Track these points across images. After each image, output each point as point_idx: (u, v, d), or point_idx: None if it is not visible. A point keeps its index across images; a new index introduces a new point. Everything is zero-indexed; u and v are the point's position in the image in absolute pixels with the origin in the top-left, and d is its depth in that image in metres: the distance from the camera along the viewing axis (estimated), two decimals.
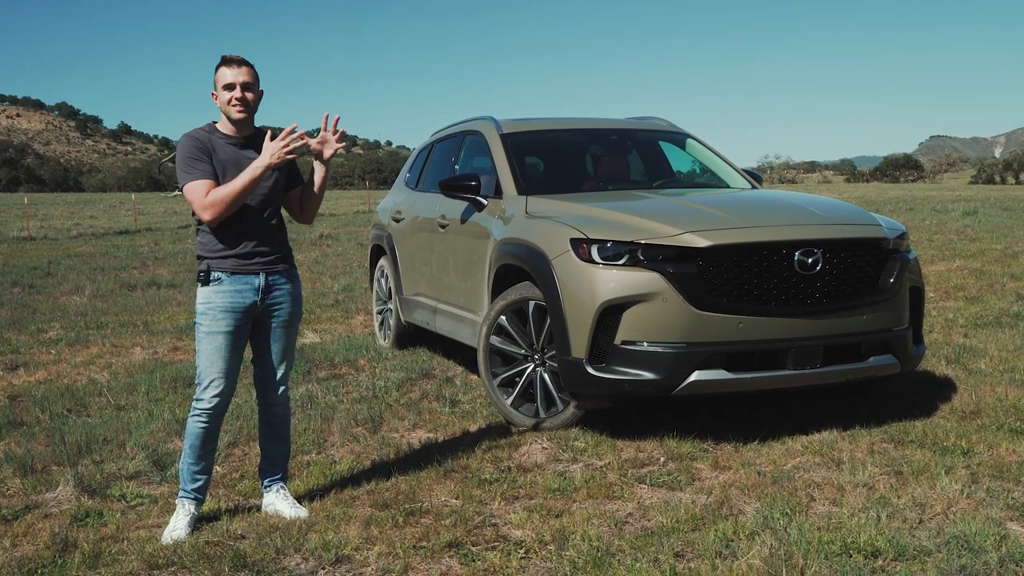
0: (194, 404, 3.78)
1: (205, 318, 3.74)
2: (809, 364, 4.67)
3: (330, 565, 3.38)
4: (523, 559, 3.37)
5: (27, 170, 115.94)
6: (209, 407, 3.75)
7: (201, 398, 3.76)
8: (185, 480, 3.83)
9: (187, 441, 3.80)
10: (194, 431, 3.78)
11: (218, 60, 3.80)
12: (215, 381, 3.74)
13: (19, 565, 3.46)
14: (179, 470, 3.88)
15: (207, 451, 3.84)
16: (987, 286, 9.65)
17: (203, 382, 3.75)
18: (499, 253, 5.38)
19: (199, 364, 3.76)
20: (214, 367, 3.74)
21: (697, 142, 6.84)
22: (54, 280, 14.03)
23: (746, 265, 4.58)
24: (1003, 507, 3.67)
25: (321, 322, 9.33)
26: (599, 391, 4.68)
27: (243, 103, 3.75)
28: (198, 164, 3.69)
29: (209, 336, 3.74)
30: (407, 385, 6.19)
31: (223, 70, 3.76)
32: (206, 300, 3.76)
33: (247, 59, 3.80)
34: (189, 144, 3.72)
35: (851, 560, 3.21)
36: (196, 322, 3.78)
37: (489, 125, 6.38)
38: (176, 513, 3.80)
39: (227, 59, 3.78)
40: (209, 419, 3.78)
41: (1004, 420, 4.81)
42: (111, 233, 26.22)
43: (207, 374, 3.74)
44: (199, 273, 3.79)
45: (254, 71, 3.81)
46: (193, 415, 3.78)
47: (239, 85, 3.73)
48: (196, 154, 3.70)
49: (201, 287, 3.78)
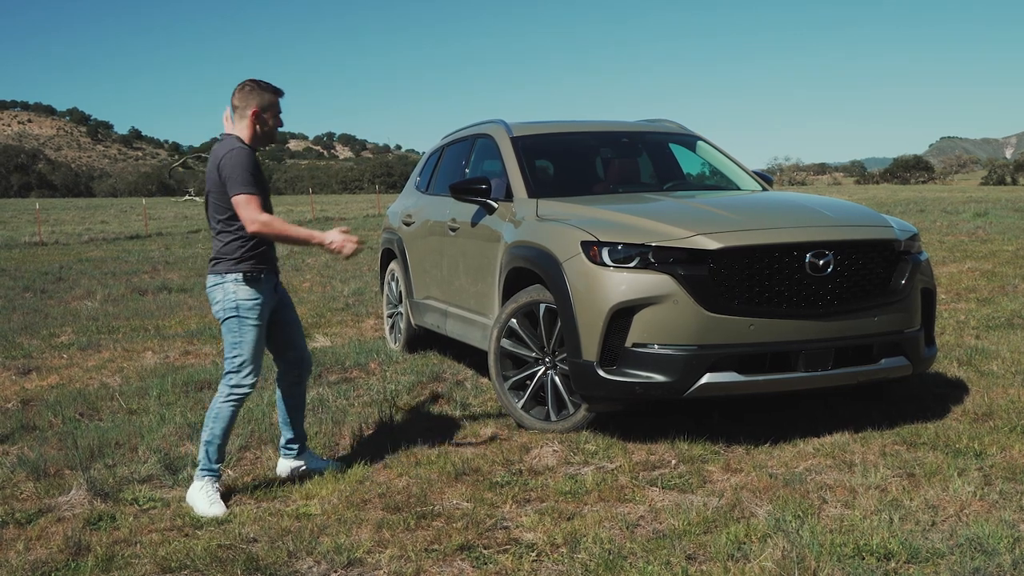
0: (232, 390, 4.15)
1: (252, 312, 4.14)
2: (821, 366, 4.65)
3: (342, 568, 3.39)
4: (535, 562, 3.37)
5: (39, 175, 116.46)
6: (249, 391, 4.18)
7: (242, 384, 4.15)
8: (212, 460, 4.16)
9: (219, 424, 4.16)
10: (228, 413, 4.17)
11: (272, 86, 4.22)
12: (256, 368, 4.18)
13: (33, 569, 3.47)
14: (204, 452, 4.16)
15: (230, 432, 4.26)
16: (999, 288, 9.61)
17: (244, 370, 4.15)
18: (510, 256, 5.39)
19: (242, 354, 4.13)
20: (259, 355, 4.18)
21: (707, 144, 6.83)
22: (66, 285, 14.10)
23: (757, 267, 4.57)
24: (1016, 509, 3.66)
25: (332, 326, 9.34)
26: (610, 394, 4.68)
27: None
28: (257, 179, 4.10)
29: (255, 329, 4.15)
30: (418, 388, 6.20)
31: (279, 100, 4.24)
32: (254, 296, 4.14)
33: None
34: (251, 159, 4.12)
35: (864, 563, 3.20)
36: (240, 316, 4.13)
37: (499, 128, 6.38)
38: (205, 490, 4.10)
39: (281, 90, 4.25)
40: (243, 401, 4.21)
41: (1017, 422, 4.79)
42: (122, 238, 26.33)
43: (251, 362, 4.15)
44: (244, 273, 4.13)
45: None
46: (229, 400, 4.16)
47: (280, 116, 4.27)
48: (256, 170, 4.12)
49: (246, 285, 4.13)
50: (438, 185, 7.28)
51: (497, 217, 5.79)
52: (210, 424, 4.16)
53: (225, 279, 4.13)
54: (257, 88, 4.17)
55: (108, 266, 17.14)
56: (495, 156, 6.29)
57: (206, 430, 4.17)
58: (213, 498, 4.08)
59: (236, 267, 4.12)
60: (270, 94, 4.19)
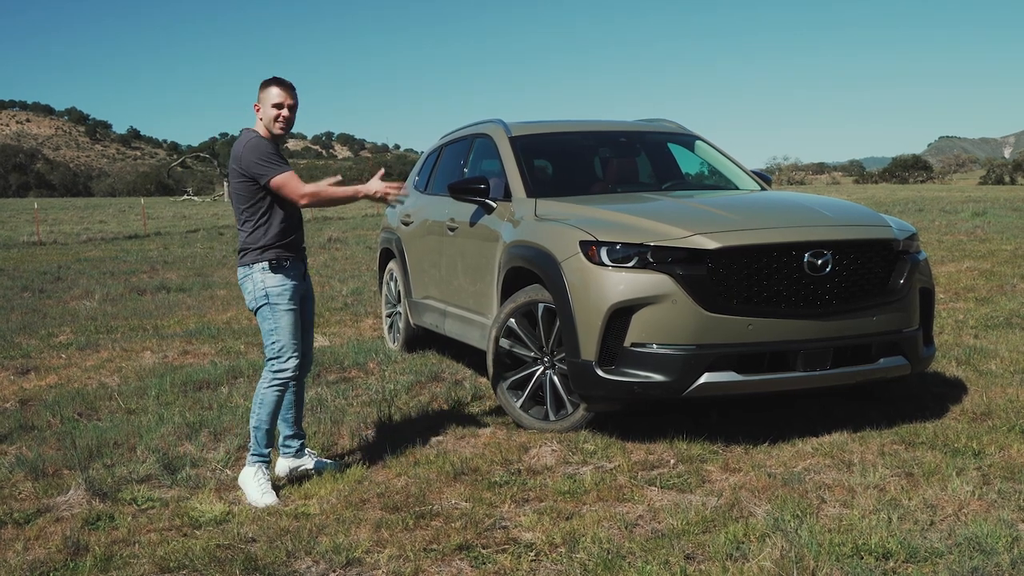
0: (275, 375, 4.24)
1: (283, 298, 4.24)
2: (819, 366, 4.66)
3: (341, 568, 3.39)
4: (533, 561, 3.38)
5: (37, 175, 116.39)
6: (293, 375, 4.27)
7: (285, 368, 4.24)
8: (261, 445, 4.25)
9: (264, 410, 4.25)
10: (273, 399, 4.26)
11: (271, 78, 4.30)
12: (297, 351, 4.26)
13: (31, 568, 3.47)
14: (254, 438, 4.26)
15: (279, 413, 4.35)
16: (997, 287, 9.62)
17: (285, 355, 4.24)
18: (508, 256, 5.39)
19: (280, 339, 4.23)
20: (295, 339, 4.26)
21: (706, 144, 6.83)
22: (64, 285, 14.08)
23: (756, 267, 4.57)
24: (1015, 508, 3.66)
25: (330, 325, 9.34)
26: (609, 393, 4.68)
27: (287, 122, 4.30)
28: (280, 160, 4.23)
29: (290, 313, 4.24)
30: (416, 388, 6.20)
31: (275, 89, 4.27)
32: (281, 283, 4.25)
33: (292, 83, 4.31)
34: (267, 145, 4.21)
35: (862, 562, 3.20)
36: (271, 303, 4.23)
37: (498, 128, 6.38)
38: (257, 477, 4.18)
39: (279, 80, 4.30)
40: (288, 385, 4.28)
41: (1015, 421, 4.80)
42: (121, 238, 26.29)
43: (290, 347, 4.24)
44: (269, 261, 4.24)
45: (297, 96, 4.32)
46: (273, 385, 4.24)
47: (287, 106, 4.27)
48: (276, 150, 4.25)
49: (273, 273, 4.24)
50: (437, 185, 7.28)
51: (496, 217, 5.79)
52: (256, 410, 4.27)
53: (252, 269, 4.26)
54: (263, 83, 4.34)
55: (106, 266, 17.12)
56: (494, 156, 6.29)
57: (253, 416, 4.27)
58: (265, 487, 4.15)
59: (262, 256, 4.25)
60: (265, 86, 4.30)
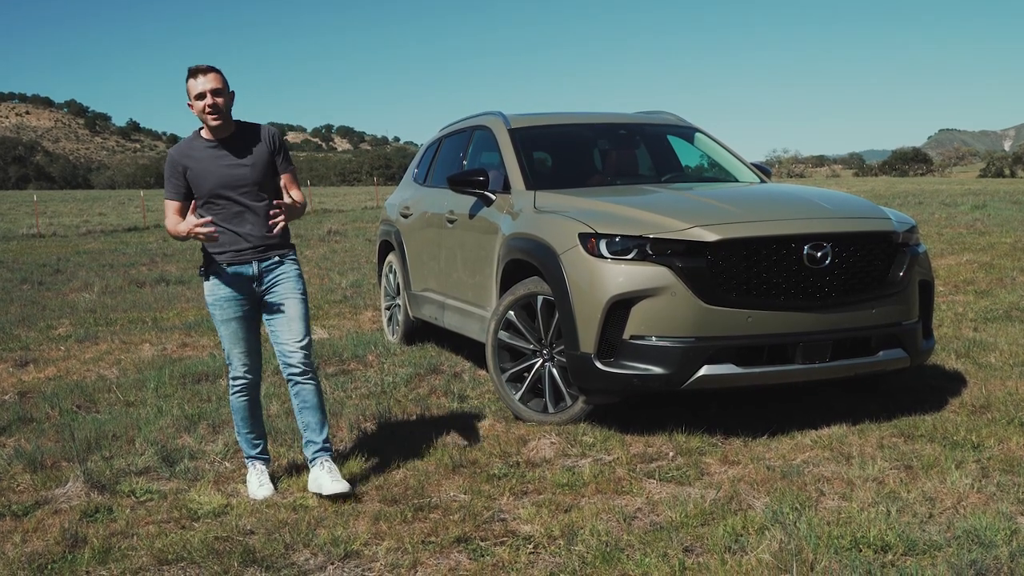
0: (231, 382, 4.21)
1: (215, 308, 4.13)
2: (818, 358, 4.65)
3: (339, 560, 3.39)
4: (532, 554, 3.37)
5: (36, 167, 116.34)
6: (244, 381, 4.19)
7: (235, 375, 4.19)
8: (246, 448, 4.27)
9: (235, 416, 4.26)
10: (237, 405, 4.22)
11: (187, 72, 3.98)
12: (240, 359, 4.17)
13: (29, 561, 3.47)
14: (237, 442, 4.35)
15: (255, 418, 4.28)
16: (997, 280, 9.62)
17: (231, 362, 4.19)
18: (507, 248, 5.38)
19: (224, 348, 4.19)
20: (236, 348, 4.15)
21: (705, 136, 6.82)
22: (63, 277, 14.08)
23: (755, 259, 4.56)
24: (1014, 501, 3.66)
25: (329, 318, 9.33)
26: (608, 386, 4.68)
27: (215, 109, 3.94)
28: (171, 182, 4.06)
29: (224, 323, 4.13)
30: (415, 381, 6.19)
31: (191, 82, 3.95)
32: (211, 293, 4.13)
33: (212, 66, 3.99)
34: (167, 163, 4.10)
35: (861, 555, 3.20)
36: (212, 313, 4.16)
37: (497, 120, 6.37)
38: (251, 474, 4.21)
39: (193, 70, 3.96)
40: (245, 391, 4.21)
41: (1014, 414, 4.79)
42: (120, 230, 26.28)
43: (232, 355, 4.17)
44: (200, 269, 4.17)
45: (221, 76, 3.98)
46: (232, 392, 4.22)
47: (208, 93, 3.93)
48: (170, 172, 4.06)
49: (206, 281, 4.14)
50: (436, 177, 7.27)
51: (495, 209, 5.78)
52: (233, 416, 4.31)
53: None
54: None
55: (106, 258, 17.12)
56: (493, 148, 6.28)
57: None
58: (261, 480, 4.18)
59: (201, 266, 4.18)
60: (185, 80, 3.98)
